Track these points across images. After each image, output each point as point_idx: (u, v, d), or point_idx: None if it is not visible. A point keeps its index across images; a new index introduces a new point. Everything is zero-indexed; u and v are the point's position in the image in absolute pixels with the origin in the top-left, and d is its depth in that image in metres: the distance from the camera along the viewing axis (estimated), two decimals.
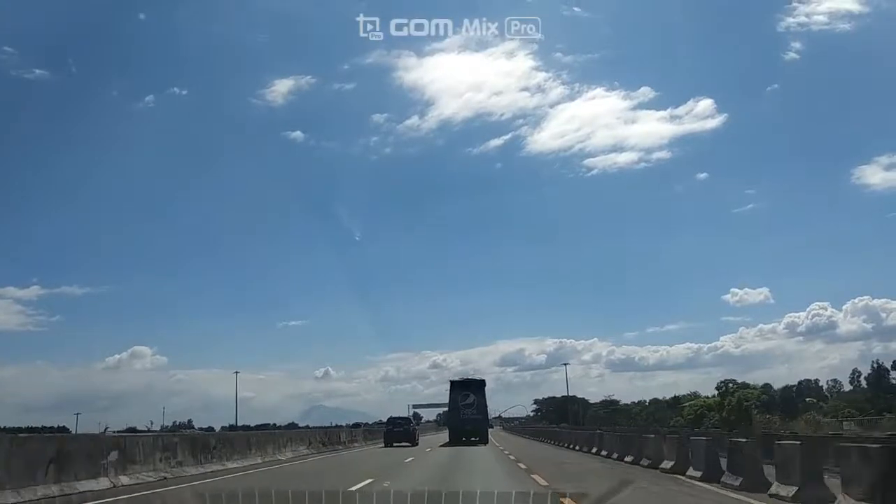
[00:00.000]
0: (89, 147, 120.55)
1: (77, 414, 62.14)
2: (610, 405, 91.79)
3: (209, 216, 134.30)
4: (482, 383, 41.48)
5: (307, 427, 55.65)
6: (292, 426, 68.37)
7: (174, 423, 64.86)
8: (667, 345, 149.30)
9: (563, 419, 79.42)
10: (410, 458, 23.75)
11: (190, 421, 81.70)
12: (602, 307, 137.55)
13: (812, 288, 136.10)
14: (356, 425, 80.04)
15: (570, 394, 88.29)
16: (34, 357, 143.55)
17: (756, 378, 75.48)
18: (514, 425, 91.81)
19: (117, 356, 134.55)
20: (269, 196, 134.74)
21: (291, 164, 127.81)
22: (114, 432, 29.72)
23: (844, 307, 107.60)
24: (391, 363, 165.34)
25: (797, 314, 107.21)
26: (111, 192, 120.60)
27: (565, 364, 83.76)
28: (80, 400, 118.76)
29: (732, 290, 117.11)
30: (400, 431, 36.97)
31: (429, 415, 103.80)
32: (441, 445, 35.76)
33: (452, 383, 41.50)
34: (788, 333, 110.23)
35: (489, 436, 42.64)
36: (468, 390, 40.37)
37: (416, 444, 35.25)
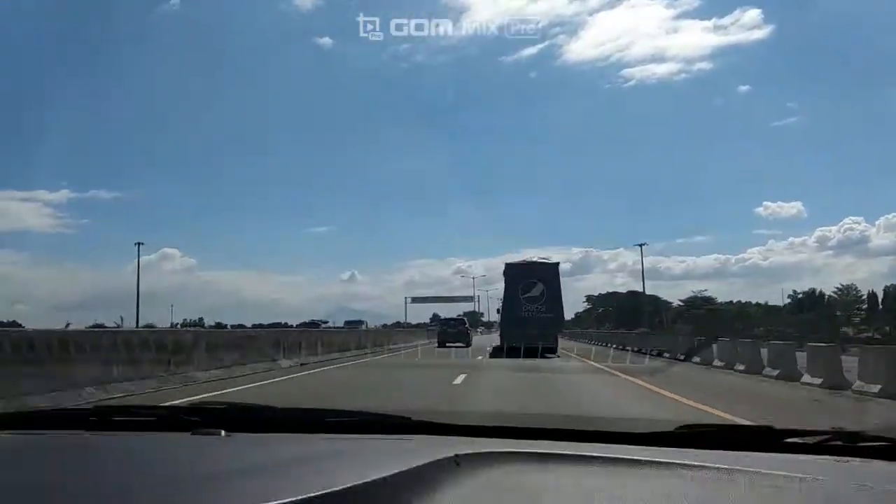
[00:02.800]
0: (117, 50, 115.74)
1: (121, 316, 56.83)
2: (704, 304, 76.43)
3: (236, 120, 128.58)
4: (555, 268, 28.71)
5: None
6: (313, 324, 63.71)
7: (184, 320, 58.23)
8: (694, 255, 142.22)
9: (632, 322, 67.06)
10: (461, 378, 14.87)
11: (201, 319, 76.13)
12: (631, 218, 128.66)
13: (847, 203, 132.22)
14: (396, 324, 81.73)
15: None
16: (64, 258, 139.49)
17: (771, 294, 76.83)
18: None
19: (146, 258, 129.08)
20: (296, 103, 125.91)
21: (319, 71, 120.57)
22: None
23: (878, 222, 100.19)
24: (415, 268, 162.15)
25: (829, 228, 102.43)
26: (139, 95, 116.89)
27: (641, 244, 67.32)
28: (111, 300, 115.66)
29: (765, 203, 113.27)
30: (454, 332, 36.49)
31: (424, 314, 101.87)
32: (491, 356, 24.32)
33: (509, 267, 28.89)
34: (819, 247, 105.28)
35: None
36: (534, 277, 27.82)
37: (470, 345, 34.15)
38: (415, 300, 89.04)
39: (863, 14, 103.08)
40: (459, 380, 14.32)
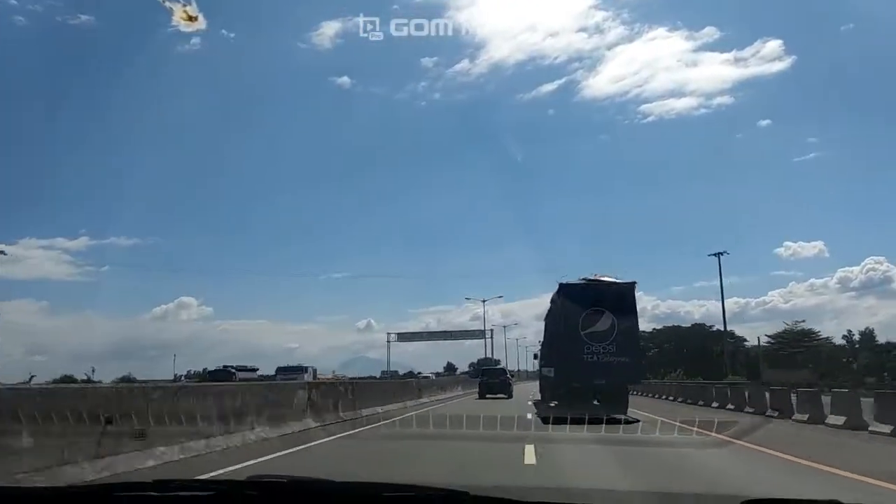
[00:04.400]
0: (136, 93, 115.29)
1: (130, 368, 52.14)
2: (803, 339, 62.08)
3: (254, 166, 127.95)
4: (630, 291, 20.17)
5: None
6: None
7: (188, 371, 51.75)
8: (714, 299, 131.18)
9: (702, 364, 57.27)
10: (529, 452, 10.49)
11: (205, 369, 71.89)
12: (649, 259, 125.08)
13: (869, 242, 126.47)
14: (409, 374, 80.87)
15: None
16: (83, 307, 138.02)
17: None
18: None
19: (164, 306, 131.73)
20: (314, 145, 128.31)
21: (338, 110, 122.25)
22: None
23: None
24: (432, 315, 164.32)
25: (851, 269, 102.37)
26: (159, 140, 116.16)
27: (719, 254, 57.11)
28: (129, 349, 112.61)
29: (786, 243, 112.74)
30: (496, 383, 35.35)
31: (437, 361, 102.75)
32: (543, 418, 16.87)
33: (564, 289, 20.47)
34: (840, 288, 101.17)
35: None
36: (601, 303, 19.49)
37: (511, 397, 33.25)
38: (401, 337, 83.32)
39: (886, 45, 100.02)
40: (530, 454, 10.20)
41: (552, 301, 22.73)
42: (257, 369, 54.58)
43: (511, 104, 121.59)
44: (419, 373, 77.86)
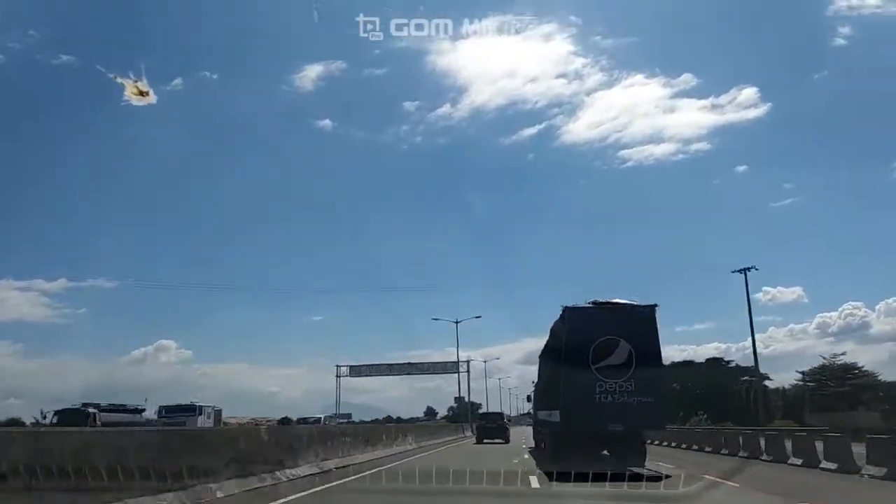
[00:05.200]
0: (117, 132, 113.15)
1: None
2: (845, 375, 52.85)
3: (235, 205, 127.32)
4: (650, 315, 16.51)
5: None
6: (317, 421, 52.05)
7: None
8: (694, 344, 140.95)
9: (717, 407, 52.46)
10: None
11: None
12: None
13: (847, 287, 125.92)
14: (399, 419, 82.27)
15: None
16: (60, 350, 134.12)
17: (784, 379, 69.02)
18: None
19: (143, 349, 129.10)
20: (294, 188, 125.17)
21: (319, 153, 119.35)
22: None
23: (878, 307, 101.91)
24: (413, 359, 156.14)
25: (829, 314, 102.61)
26: (138, 182, 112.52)
27: (746, 270, 49.41)
28: (107, 392, 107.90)
29: (765, 288, 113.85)
30: (493, 427, 35.88)
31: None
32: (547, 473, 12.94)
33: (571, 313, 16.80)
34: (820, 333, 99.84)
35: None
36: (616, 330, 15.97)
37: (509, 441, 33.10)
38: (354, 371, 70.94)
39: (860, 91, 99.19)
40: None
41: (552, 332, 19.16)
42: (142, 410, 41.02)
43: (491, 148, 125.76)
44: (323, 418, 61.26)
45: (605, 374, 15.74)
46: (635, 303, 16.90)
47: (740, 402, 53.80)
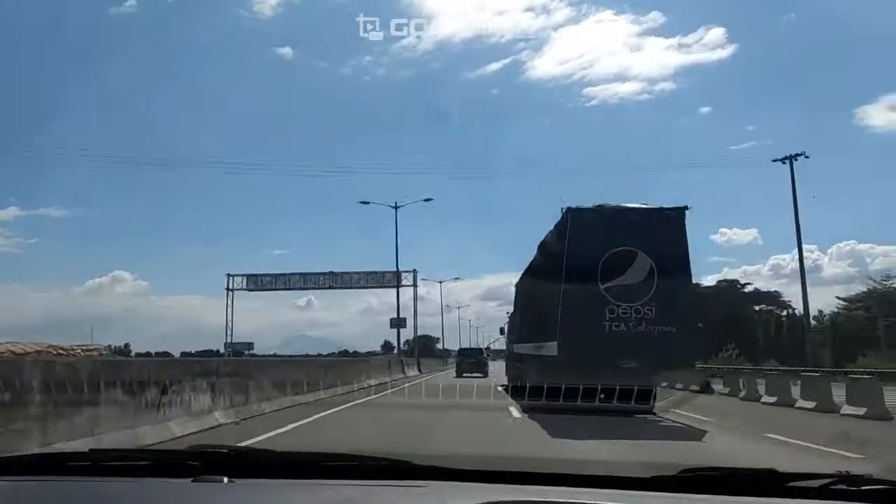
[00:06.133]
0: (71, 56, 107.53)
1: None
2: None
3: (194, 136, 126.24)
4: (676, 219, 12.56)
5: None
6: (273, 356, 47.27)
7: (109, 346, 44.68)
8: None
9: (738, 339, 41.54)
10: None
11: (127, 345, 69.17)
12: None
13: (805, 229, 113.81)
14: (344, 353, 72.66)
15: None
16: (13, 279, 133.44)
17: None
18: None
19: (97, 280, 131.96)
20: (255, 118, 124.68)
21: (278, 82, 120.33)
22: None
23: (830, 251, 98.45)
24: (373, 294, 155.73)
25: (783, 256, 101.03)
26: (90, 106, 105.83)
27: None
28: (60, 324, 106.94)
29: (721, 229, 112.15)
30: (472, 362, 36.30)
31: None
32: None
33: (574, 216, 12.75)
34: (773, 275, 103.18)
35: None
36: (631, 238, 12.17)
37: (487, 376, 32.89)
38: (250, 282, 53.74)
39: (826, 36, 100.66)
40: None
41: (544, 246, 15.32)
42: None
43: (456, 82, 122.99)
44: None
45: (617, 295, 12.01)
46: (657, 207, 12.94)
47: (769, 334, 48.52)
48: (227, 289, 53.46)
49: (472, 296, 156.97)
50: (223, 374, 11.04)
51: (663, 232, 12.35)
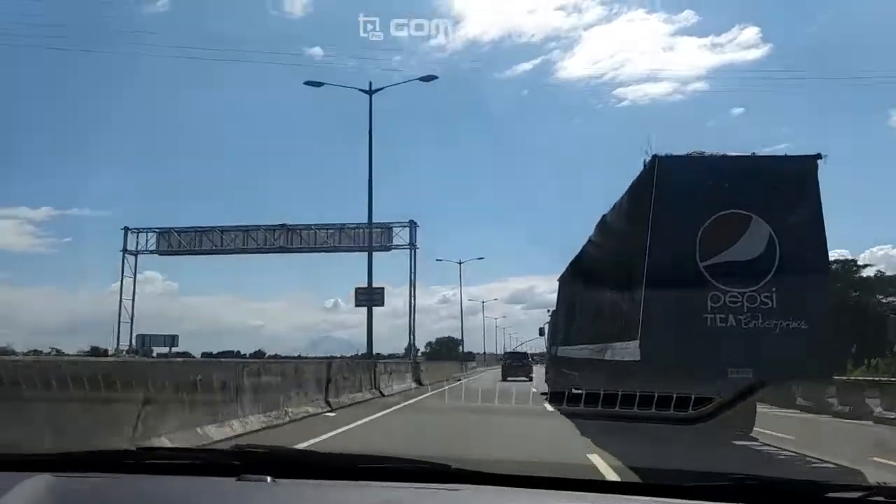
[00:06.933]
0: (102, 59, 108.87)
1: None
2: None
3: (225, 138, 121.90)
4: (807, 172, 9.06)
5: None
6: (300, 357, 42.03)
7: (130, 345, 39.93)
8: None
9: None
10: None
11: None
12: None
13: (833, 238, 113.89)
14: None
15: None
16: (45, 279, 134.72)
17: None
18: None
19: (128, 280, 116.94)
20: (283, 117, 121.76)
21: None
22: None
23: (862, 255, 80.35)
24: (399, 297, 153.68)
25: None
26: (123, 106, 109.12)
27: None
28: (91, 323, 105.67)
29: None
30: (518, 366, 35.56)
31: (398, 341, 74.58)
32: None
33: (661, 167, 9.25)
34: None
35: None
36: (739, 196, 8.72)
37: (532, 380, 31.17)
38: (162, 240, 38.55)
39: (862, 36, 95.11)
40: None
41: (614, 213, 11.82)
42: None
43: (486, 82, 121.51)
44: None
45: (723, 277, 8.61)
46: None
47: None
48: (125, 251, 37.38)
49: (498, 300, 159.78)
50: None
51: (788, 189, 8.87)
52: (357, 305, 31.33)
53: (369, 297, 27.93)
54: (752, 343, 8.52)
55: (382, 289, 31.78)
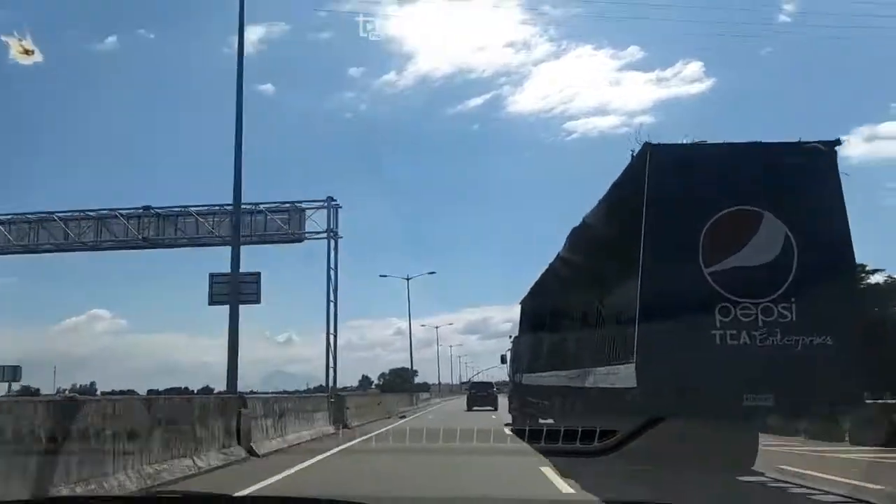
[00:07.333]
0: (49, 91, 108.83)
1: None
2: None
3: (169, 173, 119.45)
4: (826, 160, 7.73)
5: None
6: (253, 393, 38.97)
7: (73, 386, 38.48)
8: None
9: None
10: None
11: (93, 383, 67.25)
12: None
13: None
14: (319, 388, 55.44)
15: None
16: None
17: None
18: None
19: (74, 318, 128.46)
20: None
21: (260, 119, 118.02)
22: None
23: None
24: (352, 330, 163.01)
25: None
26: (72, 143, 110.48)
27: None
28: (37, 362, 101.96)
29: None
30: (483, 396, 35.86)
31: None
32: None
33: (654, 156, 7.90)
34: None
35: None
36: (747, 189, 7.41)
37: (497, 409, 31.06)
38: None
39: (804, 68, 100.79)
40: None
41: (598, 211, 10.33)
42: None
43: (437, 118, 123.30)
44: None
45: (732, 286, 7.25)
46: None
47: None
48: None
49: (453, 329, 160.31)
50: None
51: (805, 180, 7.56)
52: (211, 303, 21.81)
53: (233, 289, 15.90)
54: (770, 364, 7.12)
55: (258, 274, 22.14)
